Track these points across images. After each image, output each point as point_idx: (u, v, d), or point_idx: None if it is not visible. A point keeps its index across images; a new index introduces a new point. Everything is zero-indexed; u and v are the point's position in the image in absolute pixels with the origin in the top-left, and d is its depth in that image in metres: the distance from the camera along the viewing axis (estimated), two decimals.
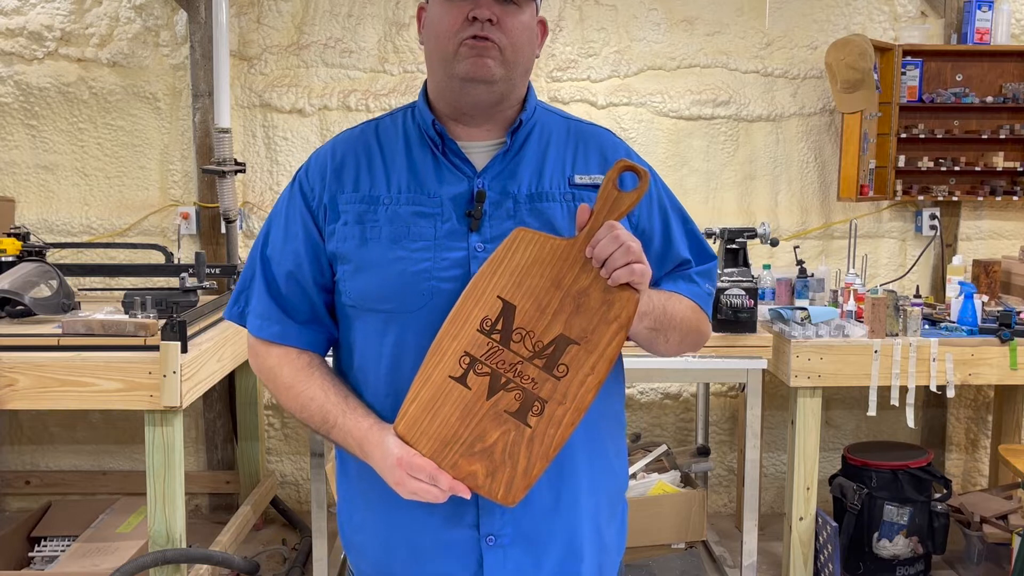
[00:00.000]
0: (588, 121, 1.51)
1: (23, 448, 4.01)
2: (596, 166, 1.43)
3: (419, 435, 1.26)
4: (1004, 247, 4.07)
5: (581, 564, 1.41)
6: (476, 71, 1.32)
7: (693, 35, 3.93)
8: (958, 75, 3.91)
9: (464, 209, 1.35)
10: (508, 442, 1.25)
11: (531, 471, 1.25)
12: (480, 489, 1.26)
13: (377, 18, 3.88)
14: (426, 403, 1.26)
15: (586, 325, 1.26)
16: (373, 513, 1.42)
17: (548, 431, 1.25)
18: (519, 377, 1.26)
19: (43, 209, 3.92)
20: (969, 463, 4.15)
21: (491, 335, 1.26)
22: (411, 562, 1.40)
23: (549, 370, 1.26)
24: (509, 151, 1.39)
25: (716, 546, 3.55)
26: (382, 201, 1.36)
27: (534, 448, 1.25)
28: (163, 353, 2.60)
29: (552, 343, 1.26)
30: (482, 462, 1.25)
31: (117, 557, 3.02)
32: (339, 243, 1.37)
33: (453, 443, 1.25)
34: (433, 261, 1.33)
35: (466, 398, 1.26)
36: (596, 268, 1.27)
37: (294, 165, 3.92)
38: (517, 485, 1.26)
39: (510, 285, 1.27)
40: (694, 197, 3.96)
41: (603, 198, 1.28)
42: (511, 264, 1.27)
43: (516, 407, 1.26)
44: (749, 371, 3.10)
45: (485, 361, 1.26)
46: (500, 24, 1.31)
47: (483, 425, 1.25)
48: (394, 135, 1.43)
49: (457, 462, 1.25)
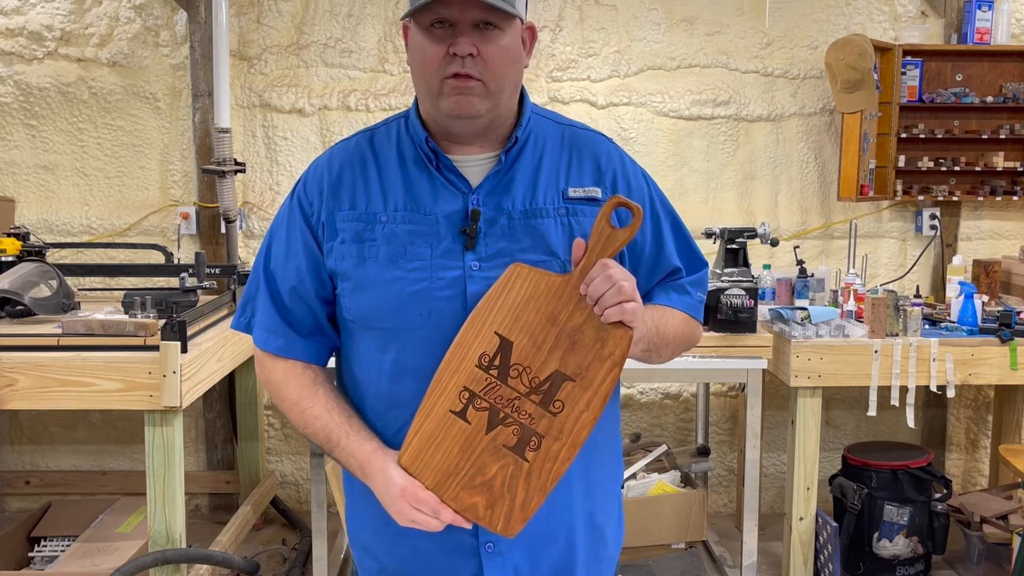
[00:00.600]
0: (583, 125, 1.51)
1: (23, 448, 4.01)
2: (590, 177, 1.42)
3: (423, 467, 1.30)
4: (1004, 247, 4.07)
5: (576, 560, 1.44)
6: (460, 110, 1.33)
7: (693, 35, 3.93)
8: (958, 75, 3.91)
9: (459, 227, 1.36)
10: (507, 475, 1.29)
11: (528, 504, 1.29)
12: (481, 520, 1.30)
13: (377, 18, 3.88)
14: (429, 435, 1.30)
15: (581, 362, 1.29)
16: (378, 511, 1.43)
17: (545, 466, 1.29)
18: (516, 412, 1.29)
19: (43, 209, 3.92)
20: (969, 463, 4.15)
21: (489, 371, 1.30)
22: (414, 562, 1.43)
23: (545, 406, 1.29)
24: (502, 167, 1.39)
25: (716, 546, 3.55)
26: (379, 219, 1.37)
27: (532, 482, 1.29)
28: (163, 353, 2.60)
29: (548, 379, 1.29)
30: (482, 495, 1.29)
31: (117, 557, 3.02)
32: (338, 261, 1.39)
33: (455, 475, 1.29)
34: (430, 281, 1.34)
35: (466, 432, 1.30)
36: (590, 305, 1.29)
37: (294, 165, 3.92)
38: (515, 517, 1.30)
39: (507, 321, 1.30)
40: (694, 197, 3.96)
41: (596, 235, 1.30)
42: (508, 300, 1.30)
43: (514, 442, 1.29)
44: (749, 371, 3.10)
45: (484, 396, 1.30)
46: (481, 55, 1.30)
47: (483, 459, 1.29)
48: (389, 148, 1.43)
49: (459, 494, 1.30)
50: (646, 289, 1.48)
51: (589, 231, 1.33)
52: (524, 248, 1.36)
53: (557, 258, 1.36)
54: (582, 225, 1.38)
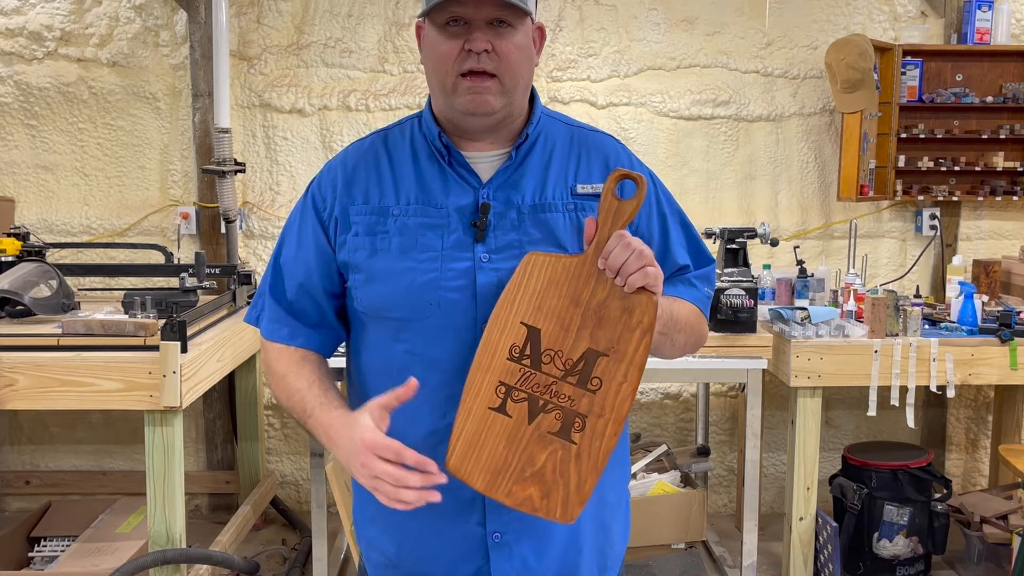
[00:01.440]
0: (591, 127, 1.54)
1: (23, 448, 4.01)
2: (599, 174, 1.45)
3: (471, 469, 1.28)
4: (1004, 247, 4.07)
5: (580, 555, 1.45)
6: (475, 107, 1.36)
7: (693, 35, 3.93)
8: (958, 75, 3.91)
9: (469, 220, 1.39)
10: (557, 461, 1.28)
11: (584, 487, 1.28)
12: (539, 511, 1.28)
13: (377, 18, 3.88)
14: (471, 437, 1.29)
15: (611, 336, 1.29)
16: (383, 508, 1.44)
17: (593, 444, 1.28)
18: (556, 397, 1.28)
19: (43, 209, 3.92)
20: (969, 463, 4.15)
21: (521, 361, 1.29)
22: (420, 556, 1.44)
23: (583, 385, 1.28)
24: (513, 163, 1.42)
25: (716, 546, 3.55)
26: (391, 212, 1.41)
27: (583, 463, 1.28)
28: (163, 353, 2.60)
29: (582, 358, 1.29)
30: (535, 485, 1.28)
31: (117, 557, 3.02)
32: (350, 253, 1.42)
33: (504, 471, 1.28)
34: (440, 272, 1.36)
35: (509, 426, 1.28)
36: (610, 279, 1.29)
37: (294, 165, 3.92)
38: (572, 502, 1.28)
39: (531, 310, 1.30)
40: (694, 197, 3.96)
41: (604, 210, 1.31)
42: (528, 289, 1.30)
43: (559, 427, 1.28)
44: (749, 371, 3.10)
45: (520, 387, 1.29)
46: (496, 51, 1.33)
47: (530, 449, 1.28)
48: (402, 146, 1.47)
49: (512, 489, 1.28)
50: None
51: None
52: (533, 240, 1.38)
53: (565, 250, 1.38)
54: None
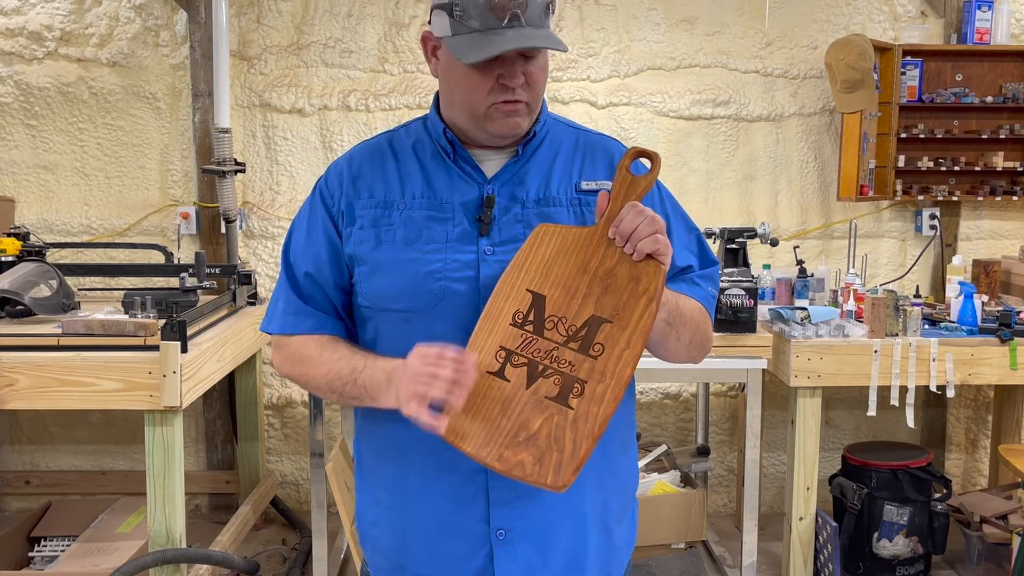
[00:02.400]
0: (597, 132, 1.55)
1: (23, 448, 4.01)
2: (603, 172, 1.47)
3: (462, 434, 1.25)
4: (1004, 247, 4.07)
5: (586, 559, 1.44)
6: (509, 130, 1.38)
7: (693, 35, 3.93)
8: (958, 75, 3.91)
9: (475, 214, 1.40)
10: (552, 427, 1.24)
11: (578, 452, 1.23)
12: (529, 477, 1.24)
13: (377, 18, 3.88)
14: (467, 403, 1.25)
15: (616, 302, 1.27)
16: (387, 507, 1.46)
17: (591, 409, 1.24)
18: (556, 363, 1.26)
19: (43, 209, 3.92)
20: (969, 463, 4.15)
21: (524, 327, 1.28)
22: (424, 555, 1.44)
23: (585, 351, 1.26)
24: (519, 160, 1.43)
25: (716, 546, 3.55)
26: (396, 206, 1.42)
27: (579, 429, 1.24)
28: (163, 353, 2.60)
29: (585, 325, 1.27)
30: (528, 450, 1.24)
31: (117, 557, 3.02)
32: (355, 246, 1.42)
33: (496, 436, 1.25)
34: (444, 263, 1.37)
35: (505, 391, 1.26)
36: (620, 247, 1.29)
37: (294, 165, 3.92)
38: (566, 468, 1.23)
39: (538, 277, 1.29)
40: (694, 197, 3.96)
41: (619, 182, 1.32)
42: (536, 258, 1.30)
43: (556, 392, 1.25)
44: (749, 371, 3.10)
45: (521, 352, 1.27)
46: (527, 80, 1.35)
47: (525, 414, 1.25)
48: (408, 145, 1.48)
49: (503, 454, 1.24)
50: None
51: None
52: None
53: None
54: (594, 215, 1.41)
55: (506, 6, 1.29)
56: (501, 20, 1.30)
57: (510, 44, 1.29)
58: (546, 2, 1.34)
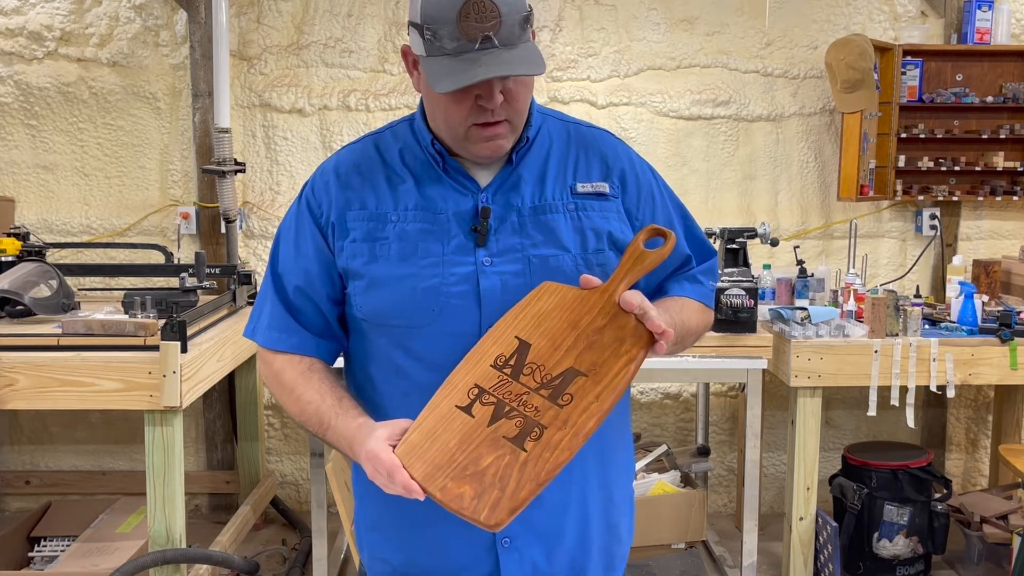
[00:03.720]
0: (587, 123, 1.51)
1: (23, 448, 4.01)
2: (598, 172, 1.43)
3: (415, 459, 1.24)
4: (1004, 247, 4.07)
5: (589, 555, 1.44)
6: (490, 153, 1.34)
7: (693, 35, 3.93)
8: (958, 75, 3.91)
9: (470, 224, 1.36)
10: (501, 466, 1.22)
11: (519, 494, 1.20)
12: (464, 511, 1.20)
13: (377, 18, 3.88)
14: (428, 431, 1.25)
15: (596, 359, 1.27)
16: (389, 512, 1.44)
17: (543, 455, 1.22)
18: (523, 406, 1.25)
19: (43, 209, 3.92)
20: (969, 463, 4.15)
21: (503, 369, 1.28)
22: (427, 564, 1.42)
23: (554, 400, 1.25)
24: (511, 166, 1.40)
25: (716, 546, 3.55)
26: (390, 218, 1.37)
27: (526, 471, 1.21)
28: (163, 353, 2.60)
29: (561, 375, 1.27)
30: (471, 484, 1.21)
31: (117, 557, 3.02)
32: (349, 260, 1.38)
33: (446, 467, 1.23)
34: (442, 277, 1.34)
35: (468, 425, 1.25)
36: (614, 311, 1.27)
37: (294, 165, 3.92)
38: (502, 507, 1.19)
39: (529, 327, 1.29)
40: (694, 197, 3.96)
41: (629, 252, 1.31)
42: (533, 310, 1.30)
43: (515, 433, 1.24)
44: (749, 371, 3.10)
45: (493, 392, 1.27)
46: (507, 98, 1.30)
47: (479, 450, 1.24)
48: (395, 151, 1.43)
49: (446, 485, 1.22)
50: (659, 279, 1.51)
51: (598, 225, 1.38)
52: (535, 243, 1.37)
53: (568, 252, 1.37)
54: (591, 219, 1.39)
55: (477, 29, 1.23)
56: (473, 42, 1.23)
57: (481, 73, 1.23)
58: (522, 16, 1.27)
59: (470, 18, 1.23)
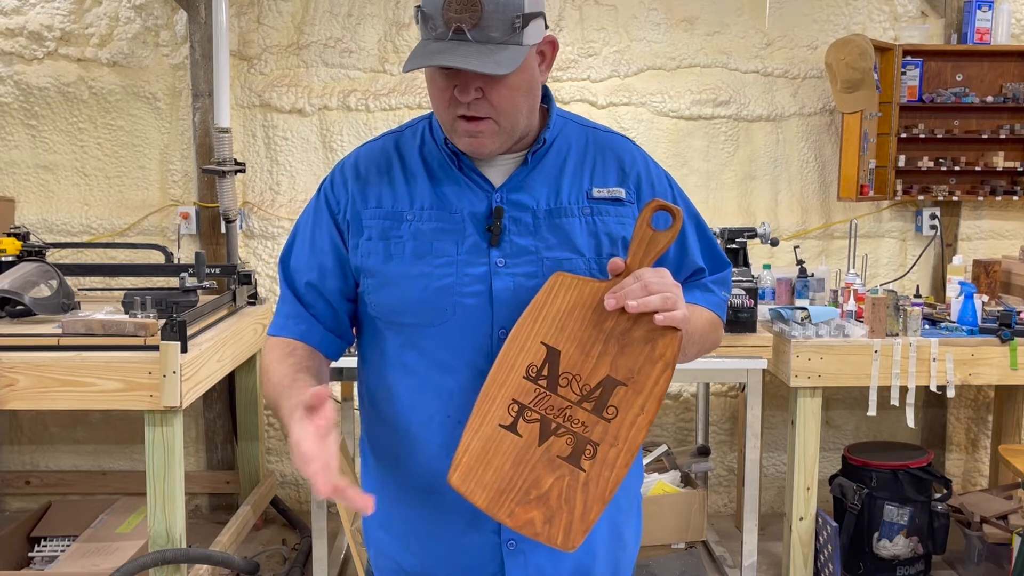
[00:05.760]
0: (606, 128, 1.51)
1: (23, 448, 4.01)
2: (614, 178, 1.43)
3: (474, 486, 1.25)
4: (1004, 247, 4.07)
5: (595, 561, 1.44)
6: (473, 150, 1.34)
7: (693, 35, 3.93)
8: (958, 75, 3.91)
9: (484, 225, 1.36)
10: (563, 487, 1.24)
11: (588, 516, 1.24)
12: (539, 536, 1.24)
13: (377, 18, 3.88)
14: (478, 453, 1.25)
15: (632, 365, 1.26)
16: (395, 511, 1.45)
17: (603, 474, 1.24)
18: (569, 422, 1.25)
19: (43, 209, 3.92)
20: (969, 463, 4.15)
21: (537, 381, 1.27)
22: (433, 564, 1.42)
23: (599, 413, 1.25)
24: (527, 167, 1.39)
25: (716, 546, 3.55)
26: (405, 217, 1.38)
27: (590, 492, 1.24)
28: (163, 353, 2.60)
29: (599, 385, 1.26)
30: (539, 509, 1.24)
31: (117, 557, 3.02)
32: (363, 258, 1.39)
33: (508, 491, 1.24)
34: (456, 277, 1.34)
35: (518, 445, 1.25)
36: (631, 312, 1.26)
37: (294, 165, 3.92)
38: (575, 530, 1.24)
39: (553, 330, 1.28)
40: (694, 197, 3.93)
41: (638, 238, 1.29)
42: (552, 309, 1.28)
43: (568, 452, 1.25)
44: (749, 371, 3.10)
45: (534, 408, 1.26)
46: (487, 98, 1.28)
47: (537, 472, 1.25)
48: (414, 149, 1.43)
49: (514, 510, 1.24)
50: None
51: (613, 230, 1.35)
52: (550, 246, 1.36)
53: (582, 256, 1.36)
54: (606, 224, 1.38)
55: (453, 18, 1.23)
56: (448, 30, 1.24)
57: (437, 60, 1.23)
58: (511, 15, 1.24)
59: (451, 7, 1.24)
